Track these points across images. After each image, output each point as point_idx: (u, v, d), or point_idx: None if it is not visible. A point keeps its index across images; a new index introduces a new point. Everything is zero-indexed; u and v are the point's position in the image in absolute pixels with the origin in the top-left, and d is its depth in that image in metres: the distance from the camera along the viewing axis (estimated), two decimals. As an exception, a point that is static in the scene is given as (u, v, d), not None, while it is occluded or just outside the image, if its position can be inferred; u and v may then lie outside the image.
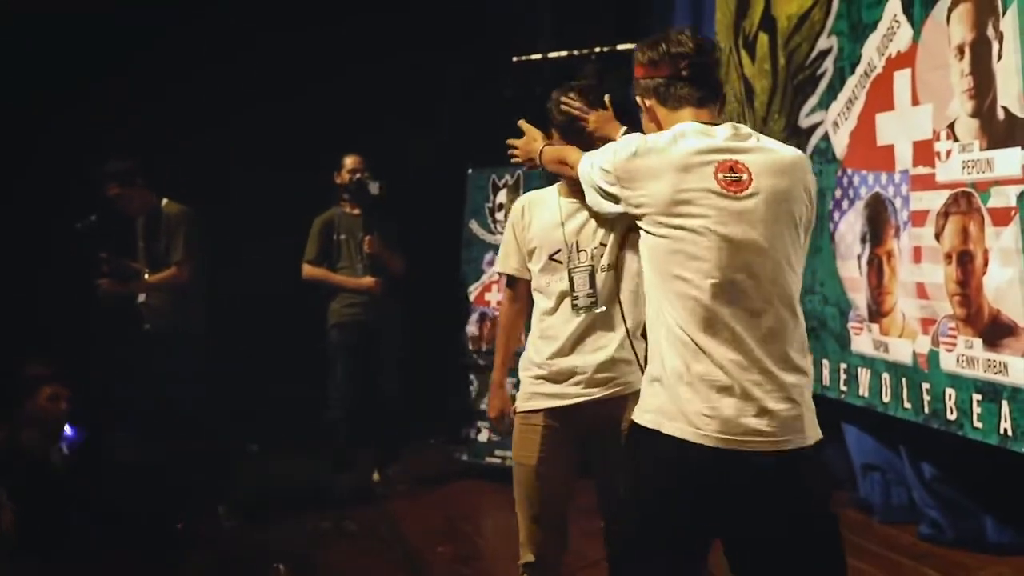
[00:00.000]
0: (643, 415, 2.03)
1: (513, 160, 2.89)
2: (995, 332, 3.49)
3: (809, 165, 2.13)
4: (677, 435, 1.94)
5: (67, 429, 4.53)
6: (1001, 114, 3.44)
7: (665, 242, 2.00)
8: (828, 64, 4.57)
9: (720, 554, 2.09)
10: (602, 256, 2.70)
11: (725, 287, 1.95)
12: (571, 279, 2.71)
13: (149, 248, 4.78)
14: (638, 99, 2.20)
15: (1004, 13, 3.41)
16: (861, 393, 4.33)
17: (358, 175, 5.19)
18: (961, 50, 3.64)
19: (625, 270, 2.67)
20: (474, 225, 5.83)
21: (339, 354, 5.28)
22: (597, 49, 6.00)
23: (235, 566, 4.32)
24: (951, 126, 3.70)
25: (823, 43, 4.61)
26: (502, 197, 5.73)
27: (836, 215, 4.53)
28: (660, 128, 2.13)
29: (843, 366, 4.46)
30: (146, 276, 4.73)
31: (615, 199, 2.11)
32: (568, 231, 2.74)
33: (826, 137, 4.59)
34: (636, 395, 2.16)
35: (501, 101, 6.27)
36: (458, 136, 6.20)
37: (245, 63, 5.87)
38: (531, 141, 2.78)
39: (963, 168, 3.63)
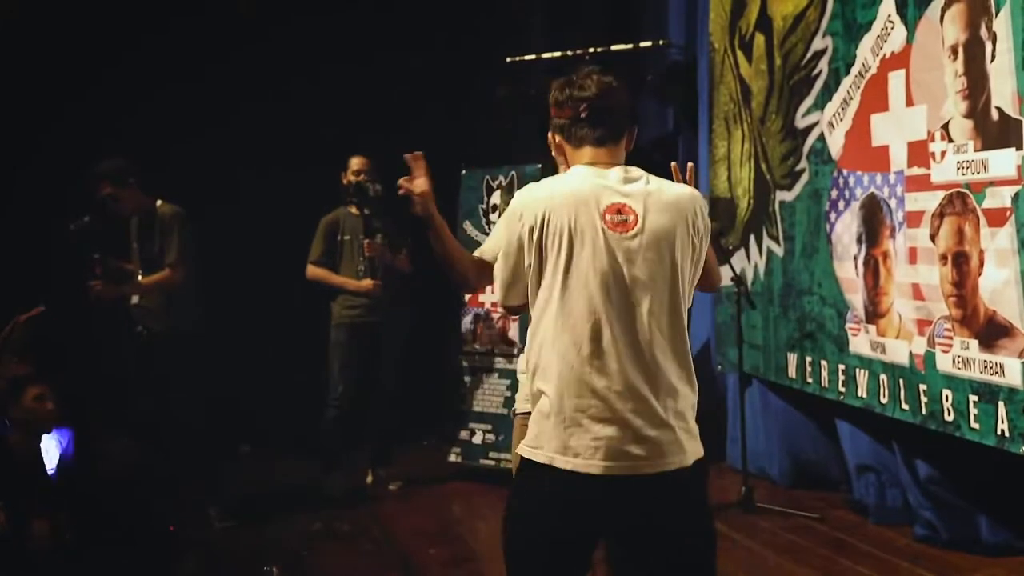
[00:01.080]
0: (533, 450, 2.13)
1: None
2: (991, 333, 3.48)
3: (698, 202, 2.23)
4: (567, 468, 2.07)
5: (59, 440, 4.49)
6: (995, 115, 3.44)
7: (553, 277, 2.12)
8: (823, 64, 4.56)
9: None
10: None
11: (609, 320, 2.08)
12: None
13: (143, 249, 4.74)
14: (550, 135, 2.33)
15: (997, 13, 3.41)
16: (859, 394, 4.32)
17: (361, 176, 5.18)
18: (955, 51, 3.63)
19: None
20: (468, 226, 5.78)
21: (337, 353, 5.27)
22: (591, 49, 5.98)
23: (227, 568, 4.31)
24: (945, 127, 3.69)
25: (818, 43, 4.60)
26: (496, 198, 5.69)
27: (832, 216, 4.52)
28: (567, 162, 2.29)
29: (841, 367, 4.45)
30: (139, 278, 4.69)
31: (519, 240, 2.17)
32: None
33: (822, 138, 4.58)
34: None
35: (495, 102, 6.25)
36: (451, 137, 6.17)
37: (244, 63, 5.85)
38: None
39: (958, 169, 3.62)
